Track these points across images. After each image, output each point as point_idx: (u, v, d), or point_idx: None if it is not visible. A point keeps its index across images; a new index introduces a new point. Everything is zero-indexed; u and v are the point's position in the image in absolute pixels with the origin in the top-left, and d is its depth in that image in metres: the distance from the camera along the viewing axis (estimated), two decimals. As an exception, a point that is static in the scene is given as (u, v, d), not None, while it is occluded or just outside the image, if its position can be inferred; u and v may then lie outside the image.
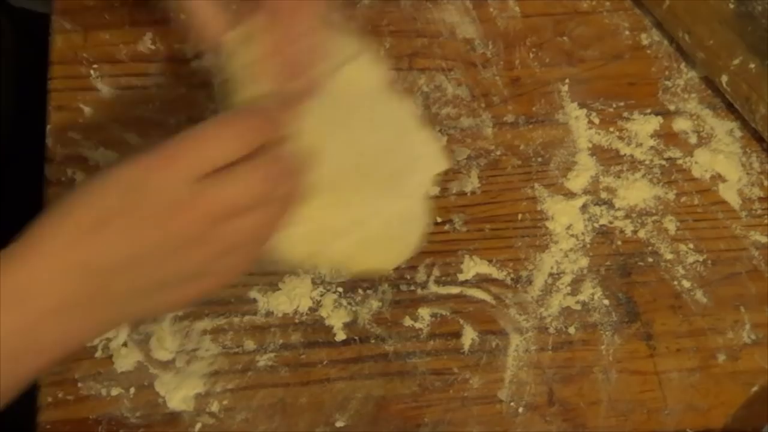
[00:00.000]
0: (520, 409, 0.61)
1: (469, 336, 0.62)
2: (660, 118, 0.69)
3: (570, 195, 0.67)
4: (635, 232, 0.66)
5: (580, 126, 0.69)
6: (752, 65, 0.66)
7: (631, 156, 0.68)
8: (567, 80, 0.70)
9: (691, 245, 0.66)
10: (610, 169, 0.68)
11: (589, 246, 0.65)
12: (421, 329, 0.62)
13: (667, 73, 0.71)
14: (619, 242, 0.66)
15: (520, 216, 0.66)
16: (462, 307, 0.63)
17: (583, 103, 0.69)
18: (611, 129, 0.69)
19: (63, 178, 0.62)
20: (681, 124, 0.69)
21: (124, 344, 0.59)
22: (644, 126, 0.69)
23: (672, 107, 0.70)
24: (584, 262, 0.65)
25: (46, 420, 0.57)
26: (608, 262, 0.65)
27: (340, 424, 0.59)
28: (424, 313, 0.62)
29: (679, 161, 0.68)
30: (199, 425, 0.58)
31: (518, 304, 0.63)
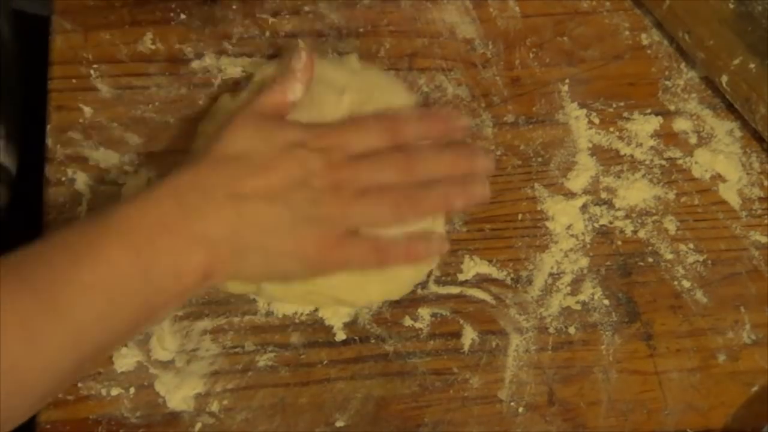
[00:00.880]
0: (521, 409, 0.61)
1: (469, 336, 0.62)
2: (660, 118, 0.69)
3: (570, 195, 0.66)
4: (635, 232, 0.66)
5: (580, 126, 0.69)
6: (752, 65, 0.66)
7: (631, 156, 0.68)
8: (567, 80, 0.70)
9: (691, 245, 0.66)
10: (610, 169, 0.68)
11: (589, 246, 0.65)
12: (421, 329, 0.62)
13: (667, 73, 0.71)
14: (619, 242, 0.66)
15: (520, 216, 0.66)
16: (462, 307, 0.63)
17: (583, 103, 0.69)
18: (611, 129, 0.69)
19: (63, 178, 0.62)
20: (681, 124, 0.69)
21: (124, 344, 0.59)
22: (644, 126, 0.69)
23: (672, 107, 0.70)
24: (584, 262, 0.65)
25: (46, 420, 0.57)
26: (608, 262, 0.65)
27: (340, 424, 0.59)
28: (424, 313, 0.62)
29: (679, 161, 0.68)
30: (199, 425, 0.58)
31: (518, 304, 0.63)
